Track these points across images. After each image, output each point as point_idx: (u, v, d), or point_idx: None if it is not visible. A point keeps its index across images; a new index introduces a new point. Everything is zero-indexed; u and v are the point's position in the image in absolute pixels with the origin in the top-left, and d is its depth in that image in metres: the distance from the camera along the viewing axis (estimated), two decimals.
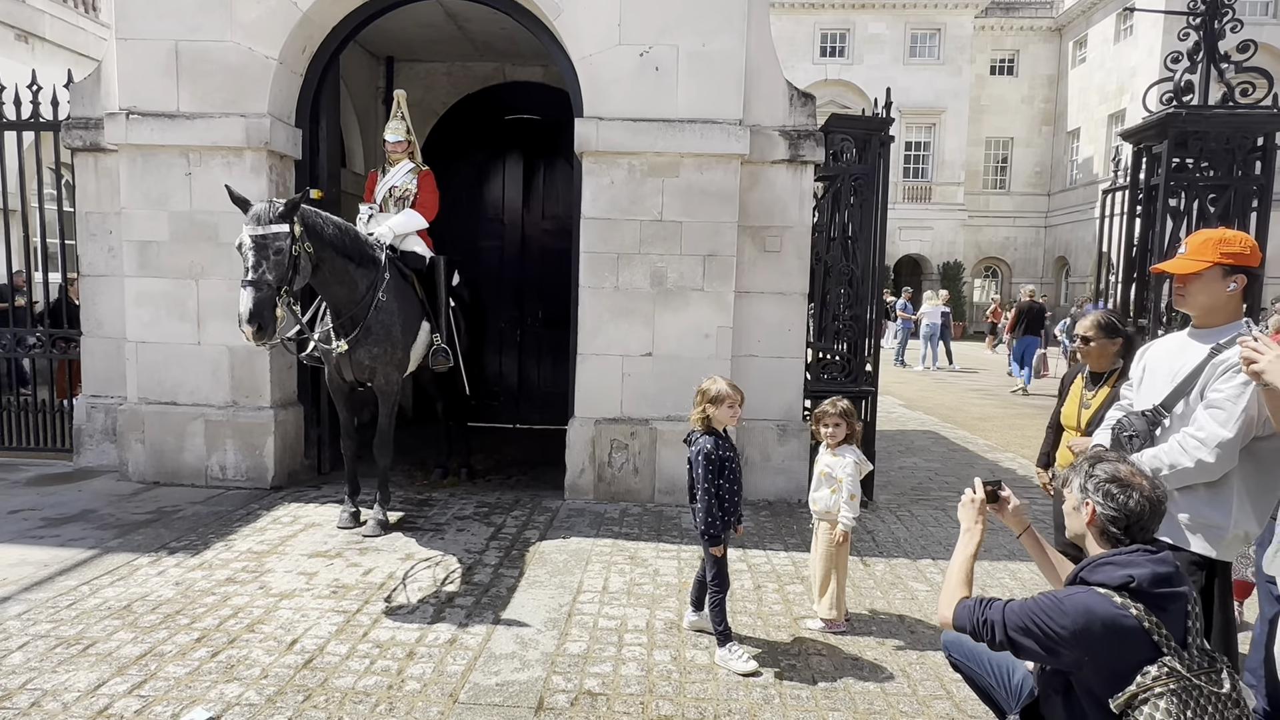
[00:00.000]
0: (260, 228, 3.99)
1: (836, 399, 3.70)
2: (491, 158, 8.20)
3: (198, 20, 5.42)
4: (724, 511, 3.30)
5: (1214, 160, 5.02)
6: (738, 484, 3.37)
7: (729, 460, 3.34)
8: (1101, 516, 1.89)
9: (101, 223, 5.93)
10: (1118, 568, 1.82)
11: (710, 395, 3.31)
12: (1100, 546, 1.92)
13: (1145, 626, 1.75)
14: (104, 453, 6.02)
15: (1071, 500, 1.99)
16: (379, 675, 3.05)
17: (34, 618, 3.45)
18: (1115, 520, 1.87)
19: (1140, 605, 1.77)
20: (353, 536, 4.65)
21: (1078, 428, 3.35)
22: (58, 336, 6.35)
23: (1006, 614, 1.88)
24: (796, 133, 5.56)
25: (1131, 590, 1.78)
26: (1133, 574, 1.79)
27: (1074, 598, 1.81)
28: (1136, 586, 1.78)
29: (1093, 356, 3.36)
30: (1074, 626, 1.77)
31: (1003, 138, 31.76)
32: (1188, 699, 1.70)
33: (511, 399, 8.38)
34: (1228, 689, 1.74)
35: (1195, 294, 2.43)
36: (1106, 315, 3.40)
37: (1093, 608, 1.77)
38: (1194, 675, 1.72)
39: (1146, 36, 24.98)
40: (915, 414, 10.47)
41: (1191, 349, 2.47)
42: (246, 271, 3.96)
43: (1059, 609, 1.80)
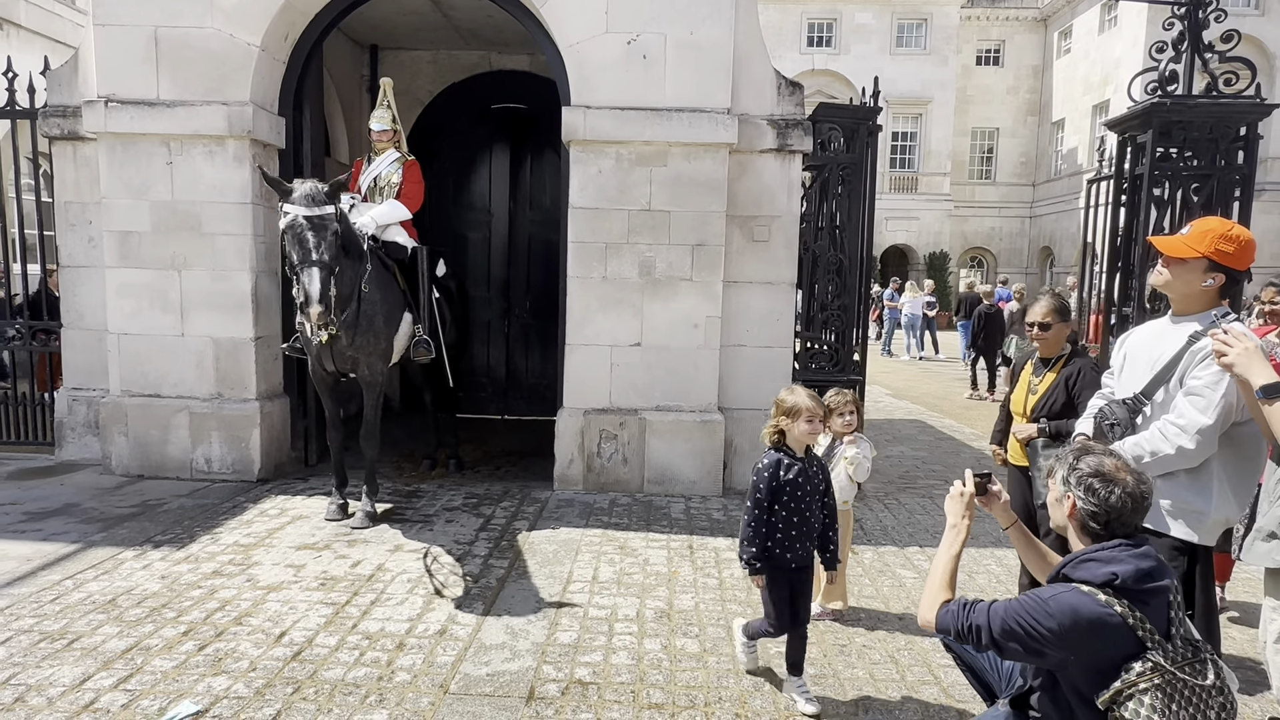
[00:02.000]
0: (316, 208, 4.07)
1: (837, 389, 3.70)
2: (478, 147, 8.14)
3: (178, 6, 5.32)
4: (771, 540, 2.84)
5: (1198, 150, 5.06)
6: (809, 513, 2.86)
7: (798, 486, 2.83)
8: (1082, 511, 1.87)
9: (81, 213, 5.84)
10: (1100, 564, 1.80)
11: (785, 407, 2.87)
12: (1081, 540, 1.91)
13: (1129, 623, 1.75)
14: (86, 446, 5.95)
15: (1054, 492, 1.98)
16: (369, 667, 3.04)
17: (17, 612, 3.40)
18: (1096, 516, 1.85)
19: (1124, 602, 1.76)
20: (340, 528, 4.62)
21: (1024, 413, 3.36)
22: (38, 329, 6.25)
23: (991, 617, 1.86)
24: (784, 122, 5.56)
25: (1115, 588, 1.77)
26: (1116, 571, 1.77)
27: (1059, 598, 1.79)
28: (1120, 584, 1.77)
29: (1049, 343, 3.32)
30: (1059, 628, 1.75)
31: (988, 128, 31.90)
32: (1172, 693, 1.70)
33: (500, 390, 8.36)
34: (1211, 680, 1.74)
35: (1176, 278, 2.45)
36: (1058, 299, 3.38)
37: (1078, 608, 1.76)
38: (1178, 669, 1.72)
39: (1131, 27, 25.13)
40: (902, 403, 10.54)
41: (1170, 336, 2.49)
42: (308, 253, 4.02)
43: (1044, 610, 1.78)
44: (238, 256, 5.49)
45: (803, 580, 2.91)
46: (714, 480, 5.57)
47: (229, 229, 5.47)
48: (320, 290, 4.01)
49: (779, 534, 2.84)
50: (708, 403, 5.57)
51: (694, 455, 5.54)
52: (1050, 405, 3.23)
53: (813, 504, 2.88)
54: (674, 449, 5.54)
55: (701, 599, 3.77)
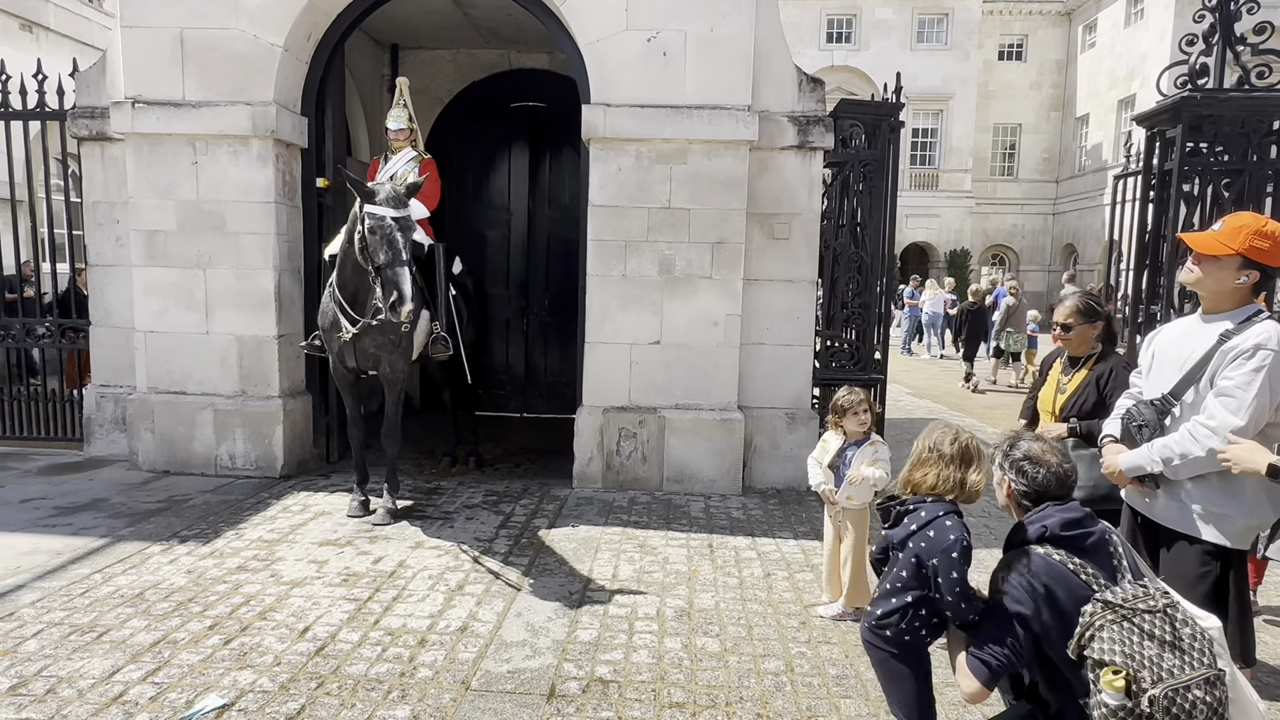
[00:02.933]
0: (403, 209, 4.24)
1: (849, 388, 3.66)
2: (497, 146, 8.17)
3: (203, 8, 5.39)
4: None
5: (1229, 144, 4.96)
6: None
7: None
8: (1016, 490, 2.10)
9: (109, 212, 5.93)
10: (1033, 524, 2.03)
11: (964, 454, 2.20)
12: (1019, 516, 2.13)
13: (1071, 568, 1.93)
14: (114, 442, 6.04)
15: (995, 476, 2.19)
16: (391, 663, 3.06)
17: (48, 605, 3.47)
18: (1027, 494, 2.09)
19: (1061, 551, 1.96)
20: (362, 525, 4.66)
21: (1053, 412, 3.29)
22: (66, 326, 6.36)
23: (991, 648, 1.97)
24: (805, 119, 5.52)
25: (1048, 539, 1.98)
26: (1044, 524, 2.00)
27: (1009, 581, 1.98)
28: (1050, 534, 1.98)
29: (1073, 343, 3.27)
30: (1026, 596, 1.93)
31: (1011, 124, 31.50)
32: (1129, 625, 1.82)
33: (519, 388, 8.38)
34: (1161, 604, 1.86)
35: (1207, 275, 2.39)
36: (1084, 299, 3.30)
37: (1028, 568, 1.96)
38: (1127, 604, 1.84)
39: (1158, 20, 24.70)
40: (923, 402, 10.44)
41: (1200, 334, 2.43)
42: (398, 253, 4.15)
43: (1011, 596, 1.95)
44: (261, 255, 5.55)
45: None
46: (733, 479, 5.55)
47: (253, 228, 5.53)
48: (412, 288, 4.14)
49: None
50: (727, 401, 5.55)
51: (713, 454, 5.53)
52: (1080, 405, 3.18)
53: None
54: (693, 447, 5.52)
55: (722, 598, 3.76)
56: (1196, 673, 1.78)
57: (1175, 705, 1.74)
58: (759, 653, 3.22)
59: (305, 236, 5.86)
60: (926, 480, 2.23)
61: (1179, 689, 1.74)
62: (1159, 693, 1.74)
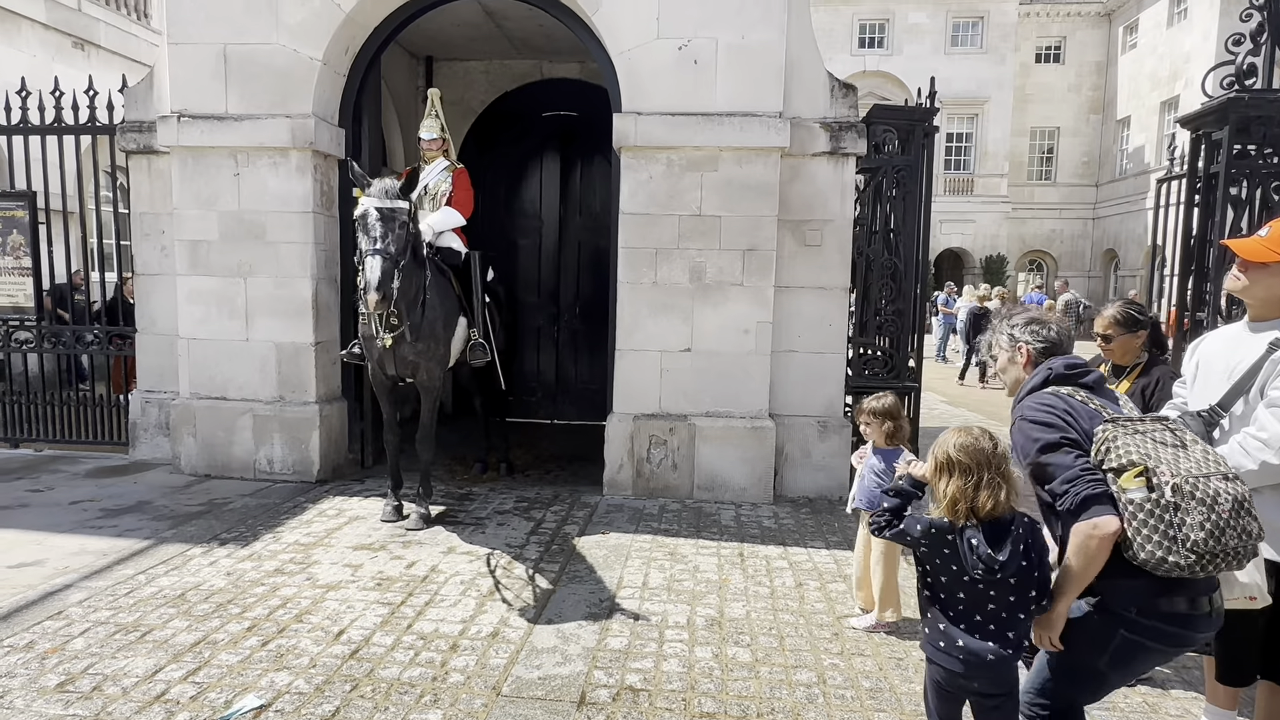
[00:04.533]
0: (388, 201, 4.23)
1: (877, 395, 3.61)
2: (529, 155, 8.25)
3: (245, 23, 5.54)
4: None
5: (1278, 147, 4.81)
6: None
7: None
8: (1034, 351, 2.21)
9: (155, 223, 6.11)
10: (1036, 376, 2.14)
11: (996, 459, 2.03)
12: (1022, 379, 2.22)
13: (1080, 399, 2.04)
14: (158, 446, 6.21)
15: (1004, 355, 2.29)
16: (423, 667, 3.08)
17: (94, 605, 3.57)
18: (1045, 350, 2.20)
19: (1067, 386, 2.08)
20: (396, 530, 4.72)
21: None
22: (114, 334, 6.56)
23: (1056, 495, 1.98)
24: (837, 125, 5.48)
25: (1054, 380, 2.09)
26: (1049, 368, 2.12)
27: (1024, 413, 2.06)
28: (1055, 375, 2.10)
29: (1115, 353, 3.19)
30: (1043, 412, 2.01)
31: (1048, 127, 30.91)
32: (1141, 434, 1.94)
33: (550, 395, 8.43)
34: (1169, 424, 2.00)
35: (1255, 283, 2.32)
36: (1124, 309, 3.21)
37: (1040, 405, 2.04)
38: (1137, 419, 2.00)
39: (1202, 20, 24.07)
40: (958, 411, 10.27)
41: (1248, 343, 2.35)
42: (374, 241, 4.14)
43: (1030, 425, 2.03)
44: (299, 264, 5.67)
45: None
46: (764, 487, 5.51)
47: (291, 237, 5.65)
48: (380, 279, 4.05)
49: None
50: (758, 409, 5.52)
51: (744, 462, 5.49)
52: None
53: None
54: (724, 455, 5.50)
55: (753, 607, 3.73)
56: (1215, 469, 1.89)
57: (1199, 491, 1.83)
58: (791, 664, 3.18)
59: (342, 245, 5.97)
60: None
61: (1199, 478, 1.84)
62: (1180, 481, 1.83)
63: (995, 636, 2.01)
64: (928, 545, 2.05)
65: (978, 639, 2.01)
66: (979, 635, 2.01)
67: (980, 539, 1.96)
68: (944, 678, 2.09)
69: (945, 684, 2.11)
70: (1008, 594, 1.99)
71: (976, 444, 2.02)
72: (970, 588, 2.00)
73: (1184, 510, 1.82)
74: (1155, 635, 1.93)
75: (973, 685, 2.07)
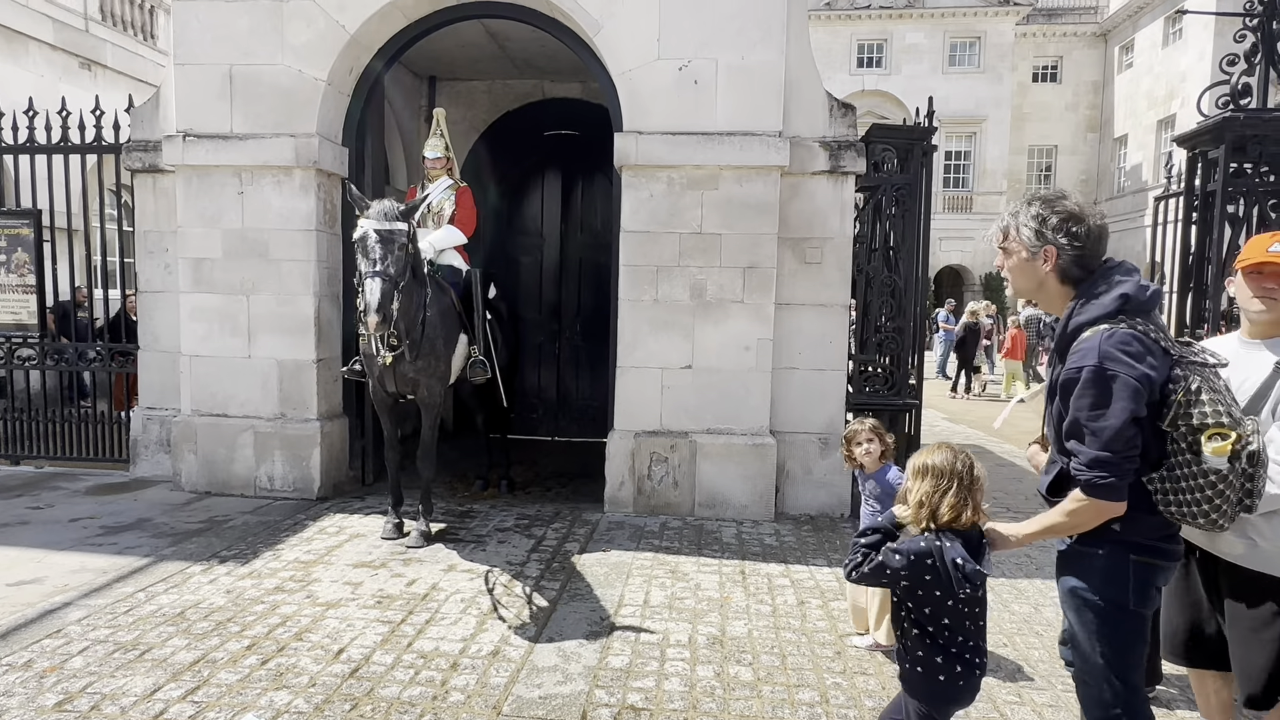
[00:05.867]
0: (387, 223, 4.25)
1: (858, 417, 3.62)
2: (531, 173, 8.31)
3: (251, 45, 5.61)
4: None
5: (1274, 165, 4.85)
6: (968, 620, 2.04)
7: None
8: (1065, 259, 1.88)
9: (159, 241, 6.15)
10: (1106, 291, 1.82)
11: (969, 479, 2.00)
12: (1060, 291, 1.92)
13: (1154, 337, 1.79)
14: (159, 463, 6.20)
15: (1022, 253, 1.95)
16: (423, 686, 3.07)
17: (93, 623, 3.55)
18: (1078, 259, 1.87)
19: (1138, 320, 1.79)
20: (396, 547, 4.71)
21: None
22: (116, 350, 6.58)
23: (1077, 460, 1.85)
24: (837, 143, 5.53)
25: (1128, 310, 1.80)
26: (1125, 291, 1.80)
27: (1105, 365, 1.76)
28: (1133, 302, 1.80)
29: None
30: (1131, 374, 1.75)
31: (1046, 146, 31.12)
32: (1213, 384, 1.80)
33: (551, 411, 8.43)
34: (1214, 357, 1.87)
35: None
36: None
37: (1121, 345, 1.76)
38: (1208, 364, 1.82)
39: (1197, 40, 24.30)
40: (959, 428, 10.25)
41: (1255, 360, 2.27)
42: (373, 263, 4.16)
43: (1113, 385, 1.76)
44: (302, 281, 5.70)
45: None
46: (765, 505, 5.50)
47: (294, 255, 5.69)
48: (379, 301, 4.07)
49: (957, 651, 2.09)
50: (759, 426, 5.52)
51: (745, 479, 5.49)
52: None
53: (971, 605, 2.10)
54: (725, 472, 5.49)
55: (754, 626, 3.71)
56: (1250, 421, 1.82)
57: (1265, 453, 1.80)
58: (793, 683, 3.16)
59: (345, 263, 6.01)
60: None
61: (1268, 439, 1.82)
62: (1257, 446, 1.76)
63: (980, 653, 2.04)
64: (909, 575, 1.97)
65: (971, 659, 2.02)
66: (971, 656, 2.02)
67: (963, 555, 1.93)
68: (939, 710, 2.08)
69: (938, 714, 2.09)
70: (982, 608, 2.03)
71: (954, 459, 2.03)
72: (954, 610, 1.99)
73: (1255, 478, 1.79)
74: (1159, 554, 1.93)
75: (961, 709, 2.10)
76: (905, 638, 2.07)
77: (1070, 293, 1.91)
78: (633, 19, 5.35)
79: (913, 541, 2.01)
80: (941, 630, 2.00)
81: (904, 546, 2.00)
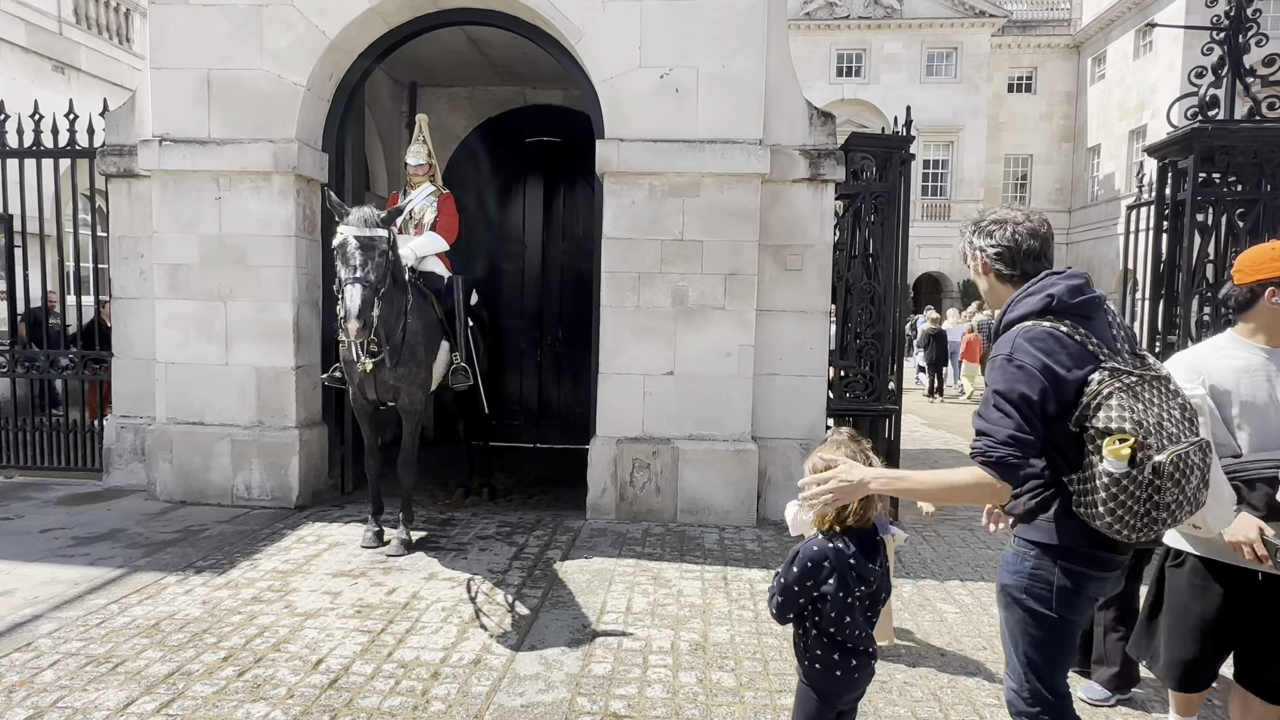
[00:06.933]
0: (367, 229, 4.23)
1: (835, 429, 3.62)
2: (512, 180, 8.30)
3: (229, 49, 5.56)
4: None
5: (1242, 175, 4.97)
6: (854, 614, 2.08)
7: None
8: (988, 257, 2.00)
9: (134, 246, 6.06)
10: (1037, 293, 1.90)
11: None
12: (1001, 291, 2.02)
13: (1078, 339, 1.84)
14: (133, 472, 6.10)
15: (969, 265, 2.11)
16: (404, 696, 3.04)
17: (64, 636, 3.48)
18: (1001, 255, 1.98)
19: (1066, 321, 1.85)
20: (376, 556, 4.66)
21: None
22: (90, 358, 6.47)
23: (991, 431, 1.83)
24: (817, 151, 5.58)
25: (1054, 310, 1.87)
26: (1051, 292, 1.88)
27: (1014, 355, 1.84)
28: (1058, 304, 1.86)
29: None
30: (1035, 364, 1.81)
31: (1022, 154, 31.61)
32: (1135, 391, 1.80)
33: (532, 419, 8.40)
34: (1165, 372, 1.90)
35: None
36: None
37: (1032, 339, 1.83)
38: (1134, 372, 1.83)
39: (1167, 52, 24.84)
40: (939, 433, 10.36)
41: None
42: (353, 270, 4.14)
43: (1015, 371, 1.82)
44: (280, 287, 5.64)
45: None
46: (747, 511, 5.52)
47: (273, 261, 5.63)
48: (360, 307, 4.06)
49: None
50: (741, 432, 5.54)
51: (727, 485, 5.50)
52: None
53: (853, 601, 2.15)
54: (707, 479, 5.50)
55: (737, 632, 3.71)
56: (1193, 440, 1.81)
57: (1178, 470, 1.75)
58: (775, 688, 3.17)
59: (324, 270, 5.96)
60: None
61: (1183, 454, 1.76)
62: (1165, 459, 1.74)
63: (873, 642, 2.13)
64: (809, 584, 2.01)
65: (865, 649, 2.09)
66: (865, 647, 2.09)
67: (859, 557, 2.01)
68: (839, 700, 2.12)
69: (841, 705, 2.14)
70: (875, 602, 2.11)
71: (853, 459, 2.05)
72: (850, 607, 2.04)
73: (1159, 490, 1.75)
74: (1090, 562, 1.91)
75: (859, 697, 2.18)
76: (806, 636, 2.11)
77: (1012, 292, 2.00)
78: (614, 27, 5.37)
79: (806, 546, 2.06)
80: (843, 628, 2.05)
81: (799, 555, 2.04)
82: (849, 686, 2.11)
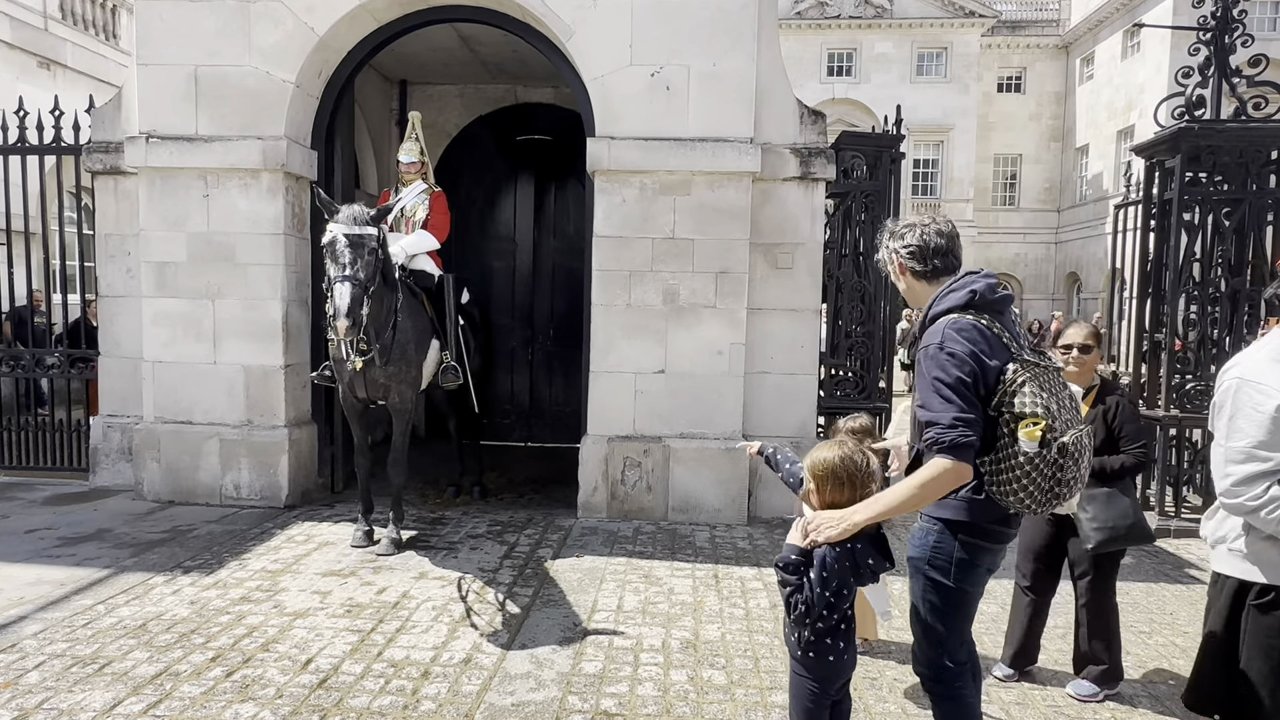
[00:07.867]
0: (357, 227, 4.21)
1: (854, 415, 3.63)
2: (503, 178, 8.28)
3: (217, 46, 5.52)
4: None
5: (1227, 174, 5.02)
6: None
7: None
8: (904, 258, 2.18)
9: (120, 244, 6.01)
10: (959, 290, 2.09)
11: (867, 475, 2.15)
12: (923, 289, 2.18)
13: (995, 331, 2.04)
14: (119, 472, 6.05)
15: (887, 271, 2.29)
16: (394, 695, 3.03)
17: (50, 637, 3.45)
18: (914, 254, 2.16)
19: (985, 316, 2.05)
20: (366, 555, 4.64)
21: None
22: (76, 357, 6.41)
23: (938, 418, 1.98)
24: (807, 150, 5.59)
25: (976, 304, 2.06)
26: (974, 288, 2.07)
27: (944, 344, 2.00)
28: (980, 299, 2.06)
29: (1087, 368, 3.14)
30: (964, 351, 1.98)
31: (1011, 154, 31.76)
32: (1041, 380, 2.01)
33: (524, 417, 8.39)
34: (1058, 365, 2.16)
35: None
36: (1096, 327, 3.28)
37: (959, 330, 2.01)
38: (1040, 364, 2.04)
39: (1154, 53, 25.02)
40: None
41: None
42: (342, 268, 4.12)
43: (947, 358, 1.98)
44: (269, 286, 5.61)
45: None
46: (738, 509, 5.53)
47: (262, 259, 5.60)
48: (349, 305, 4.04)
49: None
50: (732, 430, 5.54)
51: (718, 483, 5.51)
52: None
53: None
54: (698, 477, 5.51)
55: (728, 629, 3.72)
56: (1082, 426, 2.05)
57: (1077, 449, 1.99)
58: (766, 685, 3.18)
59: (313, 268, 5.93)
60: None
61: (1079, 436, 2.00)
62: (1069, 440, 1.96)
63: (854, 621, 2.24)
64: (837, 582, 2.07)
65: (850, 631, 2.20)
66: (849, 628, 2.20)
67: (876, 556, 2.09)
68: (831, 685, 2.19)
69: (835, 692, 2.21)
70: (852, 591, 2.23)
71: (853, 458, 2.12)
72: (848, 599, 2.15)
73: (1063, 468, 1.96)
74: (987, 535, 2.10)
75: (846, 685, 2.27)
76: (801, 626, 2.14)
77: (933, 290, 2.17)
78: (605, 25, 5.36)
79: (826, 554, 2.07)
80: (846, 618, 2.16)
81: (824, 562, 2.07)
82: (846, 669, 2.20)
